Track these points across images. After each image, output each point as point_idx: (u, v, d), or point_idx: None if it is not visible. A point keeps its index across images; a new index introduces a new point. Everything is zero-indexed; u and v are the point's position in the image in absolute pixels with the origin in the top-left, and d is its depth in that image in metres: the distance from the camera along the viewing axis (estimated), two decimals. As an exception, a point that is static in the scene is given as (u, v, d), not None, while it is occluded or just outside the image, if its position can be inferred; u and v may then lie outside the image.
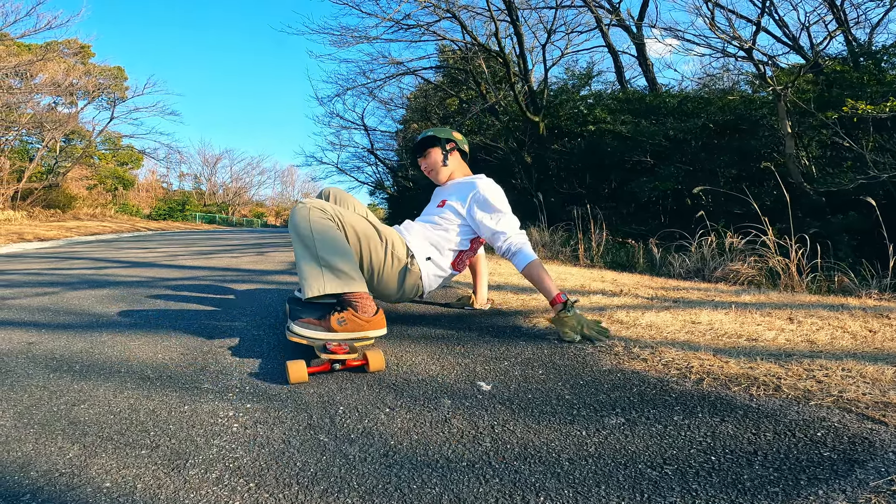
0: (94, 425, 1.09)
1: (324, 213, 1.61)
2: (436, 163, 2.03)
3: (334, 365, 1.40)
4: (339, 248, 1.60)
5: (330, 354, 1.41)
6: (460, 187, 1.97)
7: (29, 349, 1.66)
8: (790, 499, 0.77)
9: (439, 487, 0.85)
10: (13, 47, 14.32)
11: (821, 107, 5.89)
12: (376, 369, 1.43)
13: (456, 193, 1.95)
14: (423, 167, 2.08)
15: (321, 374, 1.42)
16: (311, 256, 1.57)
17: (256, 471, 0.90)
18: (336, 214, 1.64)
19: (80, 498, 0.82)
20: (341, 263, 1.57)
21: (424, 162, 2.06)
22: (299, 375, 1.33)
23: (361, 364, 1.44)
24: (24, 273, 3.69)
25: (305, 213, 1.59)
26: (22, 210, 13.81)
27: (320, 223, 1.59)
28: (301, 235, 1.59)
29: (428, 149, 2.04)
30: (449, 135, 2.06)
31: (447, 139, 2.05)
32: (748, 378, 1.26)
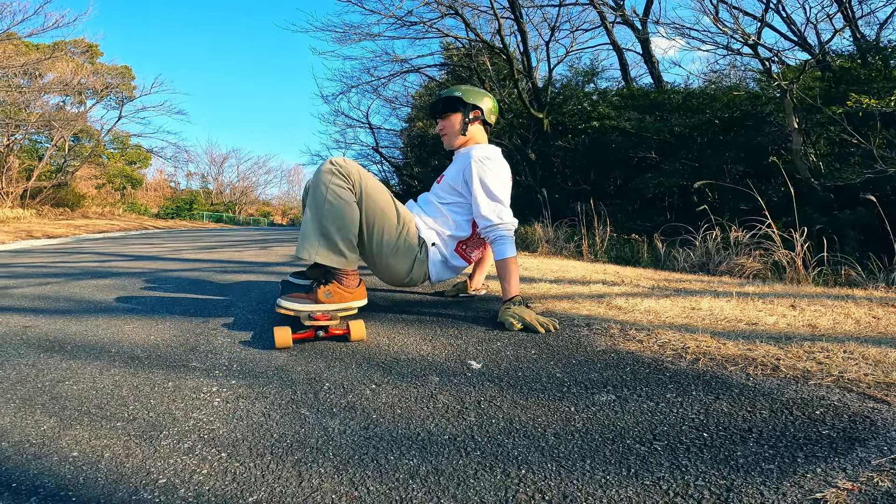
0: (74, 400, 1.08)
1: (346, 182, 1.58)
2: (452, 127, 1.87)
3: (318, 332, 1.45)
4: (345, 223, 1.58)
5: (314, 322, 1.46)
6: (459, 161, 1.85)
7: (24, 332, 1.65)
8: (786, 476, 0.73)
9: (417, 459, 0.82)
10: (21, 46, 14.45)
11: (827, 102, 5.80)
12: (357, 338, 1.47)
13: (454, 169, 1.85)
14: (439, 128, 1.92)
15: (306, 342, 1.48)
16: (316, 221, 1.57)
17: (231, 442, 0.88)
18: (359, 181, 1.60)
19: (44, 466, 0.80)
20: (339, 239, 1.57)
21: (442, 123, 1.90)
22: (284, 341, 1.39)
23: (344, 333, 1.48)
24: (29, 266, 3.71)
25: (328, 179, 1.57)
26: (31, 208, 13.93)
27: (336, 192, 1.57)
28: (315, 197, 1.58)
29: (448, 112, 1.87)
30: (477, 100, 1.87)
31: (473, 106, 1.87)
32: (745, 359, 1.22)
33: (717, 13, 7.03)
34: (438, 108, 1.89)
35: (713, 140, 6.98)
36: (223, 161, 40.43)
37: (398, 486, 0.74)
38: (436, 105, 1.90)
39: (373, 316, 1.83)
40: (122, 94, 20.22)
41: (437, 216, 1.84)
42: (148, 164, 27.30)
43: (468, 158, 1.78)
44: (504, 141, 9.70)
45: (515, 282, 1.69)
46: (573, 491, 0.72)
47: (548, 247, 5.75)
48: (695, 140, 7.09)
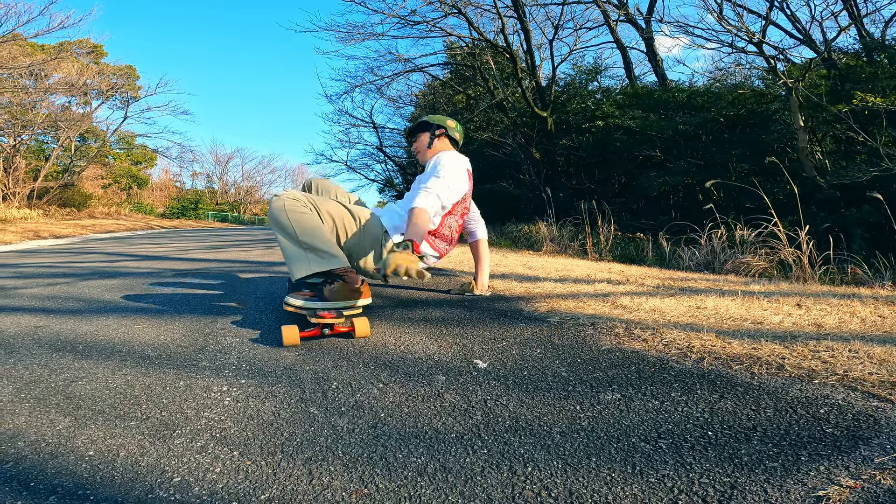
0: (88, 399, 1.09)
1: (297, 202, 1.69)
2: (421, 145, 2.14)
3: (324, 330, 1.51)
4: (317, 231, 1.67)
5: (320, 319, 1.51)
6: (429, 165, 2.04)
7: (35, 332, 1.67)
8: (789, 474, 0.74)
9: (425, 457, 0.83)
10: (27, 47, 14.54)
11: (833, 100, 5.77)
12: (362, 334, 1.53)
13: (425, 171, 2.02)
14: (413, 148, 2.20)
15: (313, 339, 1.52)
16: (293, 242, 1.66)
17: (242, 440, 0.90)
18: (310, 201, 1.72)
19: (61, 465, 0.82)
20: (321, 244, 1.65)
21: (415, 144, 2.17)
22: (292, 339, 1.44)
23: (349, 330, 1.54)
24: (37, 266, 3.75)
25: (281, 205, 1.67)
26: (38, 208, 14.02)
27: (296, 211, 1.67)
28: (281, 225, 1.67)
29: (419, 133, 2.16)
30: (441, 122, 2.14)
31: (438, 125, 2.14)
32: (750, 357, 1.23)
33: (722, 11, 6.99)
34: (412, 131, 2.19)
35: (718, 138, 6.96)
36: (228, 160, 40.53)
37: (407, 484, 0.76)
38: (411, 130, 2.21)
39: (379, 315, 1.84)
40: (127, 94, 20.30)
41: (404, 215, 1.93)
42: (153, 164, 27.41)
43: (435, 162, 1.98)
44: (508, 140, 9.70)
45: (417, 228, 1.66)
46: (579, 488, 0.73)
47: (552, 245, 5.75)
48: (700, 138, 7.07)
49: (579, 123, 8.77)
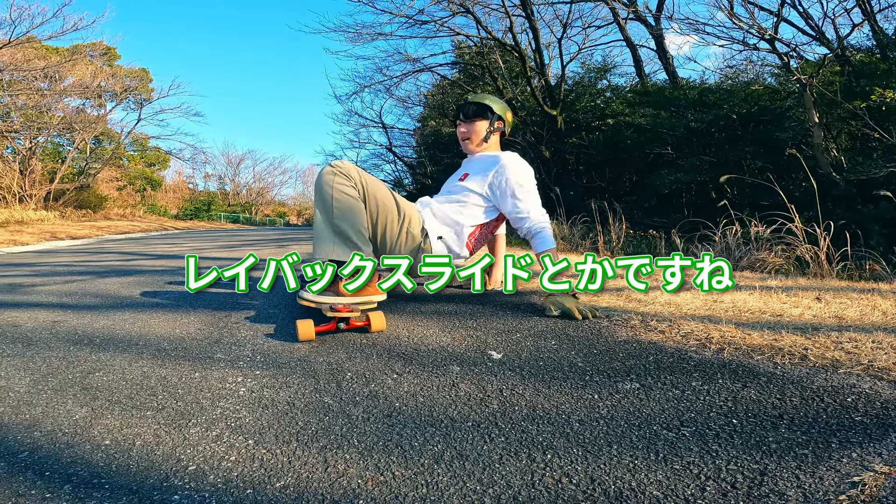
0: (104, 391, 1.10)
1: (348, 181, 1.63)
2: (477, 135, 1.97)
3: (339, 324, 1.48)
4: (355, 218, 1.63)
5: (335, 313, 1.48)
6: (484, 162, 1.93)
7: (53, 326, 1.68)
8: (821, 461, 0.72)
9: (442, 445, 0.82)
10: (41, 50, 14.75)
11: (848, 97, 5.68)
12: (377, 329, 1.51)
13: (479, 168, 1.92)
14: (461, 131, 2.01)
15: (328, 334, 1.50)
16: (327, 221, 1.62)
17: (257, 429, 0.89)
18: (362, 181, 1.66)
19: (77, 454, 0.81)
20: (353, 234, 1.62)
21: (465, 126, 1.99)
22: (307, 333, 1.42)
23: (364, 325, 1.51)
24: (54, 265, 3.79)
25: (331, 179, 1.62)
26: (54, 210, 14.22)
27: (342, 190, 1.62)
28: (322, 199, 1.63)
29: (476, 118, 1.97)
30: (503, 113, 2.00)
31: (499, 116, 1.99)
32: (772, 348, 1.20)
33: (732, 8, 6.91)
34: (468, 111, 1.97)
35: (731, 135, 6.87)
36: (239, 162, 40.90)
37: (423, 471, 0.75)
38: (466, 108, 1.98)
39: (392, 308, 1.84)
40: (140, 96, 20.54)
41: (455, 209, 1.89)
42: (167, 165, 27.73)
43: (496, 162, 1.87)
44: (517, 139, 9.67)
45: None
46: (601, 475, 0.71)
47: (563, 244, 5.71)
48: (712, 135, 6.99)
49: (589, 122, 8.72)
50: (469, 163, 2.02)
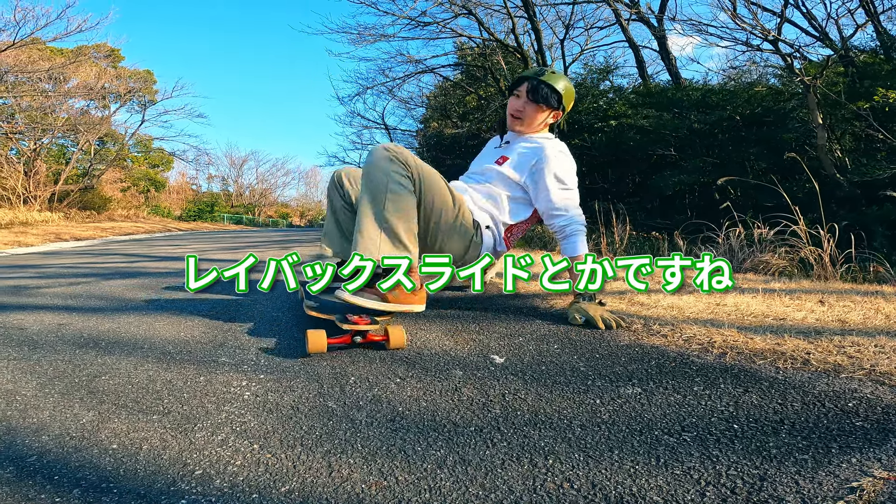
0: (111, 394, 1.11)
1: (405, 170, 1.48)
2: (532, 120, 1.78)
3: (355, 338, 1.34)
4: (409, 215, 1.49)
5: (352, 326, 1.33)
6: (527, 147, 1.77)
7: (59, 329, 1.69)
8: (821, 466, 0.73)
9: (445, 450, 0.83)
10: (45, 51, 14.83)
11: (852, 98, 5.67)
12: (396, 346, 1.36)
13: (520, 154, 1.76)
14: (516, 107, 1.78)
15: (341, 348, 1.38)
16: (376, 214, 1.46)
17: (262, 433, 0.90)
18: (417, 168, 1.51)
19: (84, 458, 0.82)
20: (403, 231, 1.47)
21: (524, 105, 1.76)
22: (318, 345, 1.29)
23: (383, 339, 1.37)
24: (59, 266, 3.82)
25: (387, 167, 1.45)
26: (59, 211, 14.29)
27: (399, 181, 1.46)
28: (374, 187, 1.46)
29: (541, 102, 1.75)
30: (567, 104, 1.82)
31: (563, 109, 1.82)
32: (774, 353, 1.21)
33: (736, 9, 6.91)
34: (539, 92, 1.74)
35: (735, 136, 6.87)
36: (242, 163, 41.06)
37: (426, 476, 0.75)
38: (537, 87, 1.74)
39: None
40: (144, 97, 20.64)
41: (491, 200, 1.76)
42: (170, 167, 27.84)
43: (539, 150, 1.73)
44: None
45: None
46: (602, 480, 0.72)
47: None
48: (715, 137, 6.99)
49: (592, 123, 8.71)
50: (509, 144, 1.83)
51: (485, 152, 1.92)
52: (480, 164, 1.87)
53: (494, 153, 1.84)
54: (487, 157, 1.87)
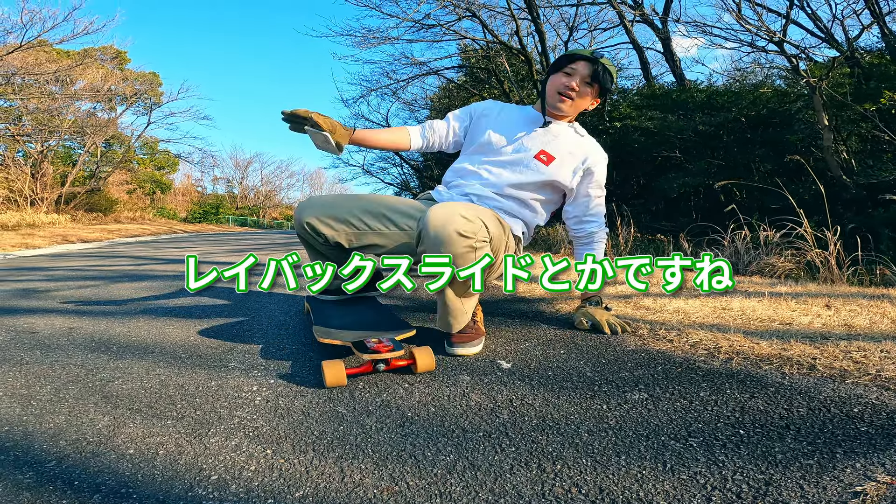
0: (125, 399, 1.12)
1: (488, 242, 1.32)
2: (582, 103, 1.56)
3: (377, 366, 1.22)
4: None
5: (373, 354, 1.21)
6: (572, 145, 1.58)
7: (70, 333, 1.72)
8: (825, 471, 0.74)
9: (454, 455, 0.84)
10: (52, 53, 14.92)
11: (858, 99, 5.66)
12: (425, 369, 1.24)
13: (570, 154, 1.56)
14: (569, 85, 1.52)
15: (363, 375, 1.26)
16: (463, 290, 1.36)
17: (275, 438, 0.92)
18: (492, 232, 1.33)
19: (103, 464, 0.84)
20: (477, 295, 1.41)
21: (579, 85, 1.52)
22: (337, 379, 1.16)
23: (409, 364, 1.25)
24: (67, 269, 3.85)
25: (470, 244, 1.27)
26: (66, 213, 14.40)
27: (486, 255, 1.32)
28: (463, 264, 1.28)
29: (594, 85, 1.53)
30: (611, 91, 1.62)
31: (610, 95, 1.65)
32: (781, 358, 1.21)
33: (740, 10, 6.90)
34: (600, 75, 1.51)
35: (740, 138, 6.85)
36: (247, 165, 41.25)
37: (437, 481, 0.77)
38: (598, 70, 1.50)
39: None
40: (150, 99, 20.76)
41: (525, 207, 1.59)
42: (176, 169, 27.97)
43: (588, 150, 1.59)
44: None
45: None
46: (609, 485, 0.73)
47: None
48: (721, 138, 6.98)
49: (596, 125, 8.71)
50: (549, 130, 1.58)
51: (514, 121, 1.62)
52: (511, 138, 1.59)
53: (533, 136, 1.58)
54: (520, 133, 1.58)
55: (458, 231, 1.24)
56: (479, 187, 1.56)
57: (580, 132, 1.63)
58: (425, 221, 1.28)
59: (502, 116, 1.64)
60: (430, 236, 1.26)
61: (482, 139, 1.60)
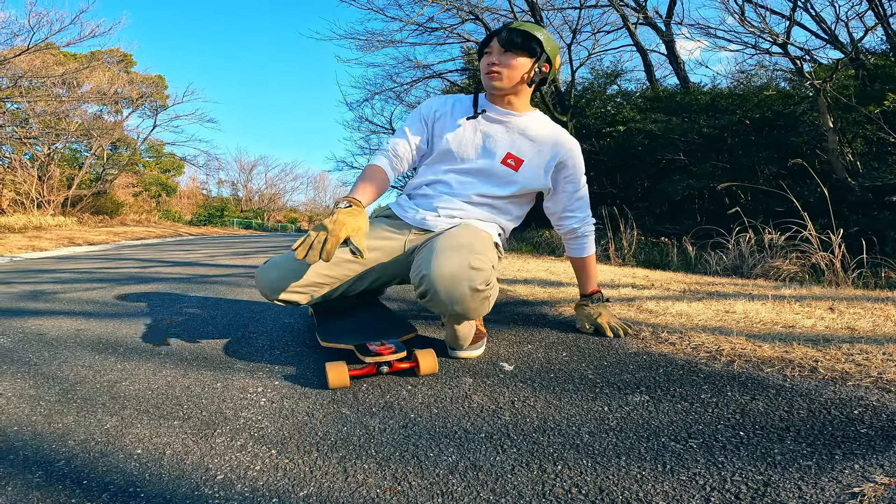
0: (132, 400, 1.14)
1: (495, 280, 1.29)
2: (514, 72, 1.37)
3: (380, 368, 1.24)
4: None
5: (375, 357, 1.22)
6: (541, 140, 1.44)
7: (77, 335, 1.74)
8: (824, 472, 0.74)
9: (456, 456, 0.85)
10: (59, 56, 15.02)
11: (863, 101, 5.65)
12: (428, 372, 1.25)
13: (538, 152, 1.45)
14: (492, 64, 1.38)
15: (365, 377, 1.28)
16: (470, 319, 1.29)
17: (279, 439, 0.93)
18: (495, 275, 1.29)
19: (111, 463, 0.85)
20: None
21: (499, 58, 1.37)
22: (340, 380, 1.18)
23: (412, 366, 1.26)
24: (74, 271, 3.89)
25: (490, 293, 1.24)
26: (72, 216, 14.48)
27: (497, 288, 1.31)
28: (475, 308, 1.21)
29: (519, 52, 1.36)
30: (553, 55, 1.42)
31: (548, 58, 1.41)
32: (782, 360, 1.22)
33: (744, 13, 6.91)
34: (510, 38, 1.35)
35: (744, 141, 6.85)
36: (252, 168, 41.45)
37: (438, 481, 0.78)
38: (506, 34, 1.36)
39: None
40: (156, 102, 20.87)
41: (499, 213, 1.50)
42: (181, 171, 28.11)
43: (559, 144, 1.46)
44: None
45: (594, 276, 1.64)
46: (609, 485, 0.74)
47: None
48: (725, 141, 6.97)
49: (600, 128, 8.73)
50: (514, 133, 1.45)
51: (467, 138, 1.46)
52: (472, 142, 1.46)
53: (496, 138, 1.45)
54: (484, 153, 1.46)
55: (472, 287, 1.16)
56: (446, 198, 1.47)
57: (544, 121, 1.49)
58: (431, 280, 1.17)
59: (456, 115, 1.48)
60: (440, 297, 1.17)
61: (442, 147, 1.47)
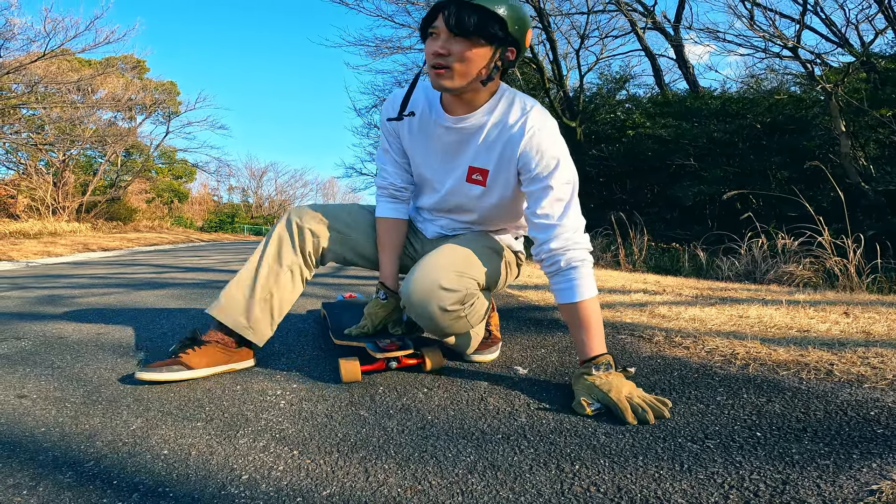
0: (156, 402, 1.16)
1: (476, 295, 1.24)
2: (468, 66, 1.08)
3: (389, 363, 1.31)
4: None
5: (384, 353, 1.29)
6: (501, 138, 1.16)
7: (98, 338, 1.77)
8: (841, 470, 0.75)
9: (474, 456, 0.87)
10: (74, 62, 15.23)
11: (874, 104, 5.61)
12: (435, 367, 1.32)
13: (495, 155, 1.17)
14: (437, 51, 1.07)
15: (376, 373, 1.34)
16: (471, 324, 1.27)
17: (300, 440, 0.95)
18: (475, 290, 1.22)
19: (139, 464, 0.87)
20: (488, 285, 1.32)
21: (446, 46, 1.07)
22: (352, 375, 1.26)
23: (419, 363, 1.33)
24: (90, 277, 3.95)
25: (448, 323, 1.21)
26: (86, 222, 14.65)
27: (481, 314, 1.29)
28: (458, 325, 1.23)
29: (474, 39, 1.06)
30: (523, 30, 1.09)
31: (514, 41, 1.09)
32: (798, 364, 1.22)
33: (753, 17, 6.89)
34: (462, 21, 1.04)
35: (756, 145, 6.82)
36: (262, 175, 41.79)
37: (458, 481, 0.79)
38: (461, 15, 1.04)
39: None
40: (168, 109, 21.09)
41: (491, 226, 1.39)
42: (193, 178, 28.38)
43: (520, 134, 1.13)
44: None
45: (599, 332, 1.12)
46: (627, 484, 0.75)
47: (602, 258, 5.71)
48: (736, 146, 6.95)
49: (609, 133, 8.74)
50: (469, 135, 1.19)
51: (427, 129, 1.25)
52: (435, 158, 1.27)
53: (453, 149, 1.22)
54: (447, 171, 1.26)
55: (441, 307, 1.14)
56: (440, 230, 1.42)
57: (504, 108, 1.17)
58: (406, 296, 1.17)
59: (413, 125, 1.29)
60: (415, 313, 1.20)
61: (416, 173, 1.35)
